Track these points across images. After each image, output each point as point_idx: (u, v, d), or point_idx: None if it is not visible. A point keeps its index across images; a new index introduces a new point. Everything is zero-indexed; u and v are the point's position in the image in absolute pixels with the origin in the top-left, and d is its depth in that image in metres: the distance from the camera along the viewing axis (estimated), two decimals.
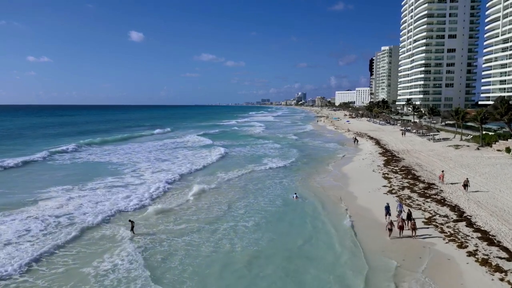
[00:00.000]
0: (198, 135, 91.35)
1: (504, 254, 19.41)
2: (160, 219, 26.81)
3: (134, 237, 23.08)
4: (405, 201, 29.76)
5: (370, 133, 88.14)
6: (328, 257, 20.27)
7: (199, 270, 18.92)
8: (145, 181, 38.76)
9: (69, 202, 30.69)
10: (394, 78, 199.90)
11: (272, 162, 50.11)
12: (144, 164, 49.02)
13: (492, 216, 25.26)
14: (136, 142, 75.91)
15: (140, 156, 56.50)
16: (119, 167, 46.83)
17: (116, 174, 42.28)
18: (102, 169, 45.52)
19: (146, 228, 24.83)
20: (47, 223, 25.57)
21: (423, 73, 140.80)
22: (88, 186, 36.19)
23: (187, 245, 22.09)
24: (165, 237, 23.22)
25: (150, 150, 62.90)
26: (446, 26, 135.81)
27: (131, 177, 40.74)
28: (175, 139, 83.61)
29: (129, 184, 37.24)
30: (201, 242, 22.54)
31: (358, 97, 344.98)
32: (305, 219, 26.77)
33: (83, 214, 27.41)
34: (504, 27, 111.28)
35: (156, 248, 21.66)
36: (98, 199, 31.65)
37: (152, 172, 43.36)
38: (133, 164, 48.71)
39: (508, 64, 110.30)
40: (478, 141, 57.77)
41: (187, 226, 25.24)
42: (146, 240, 22.80)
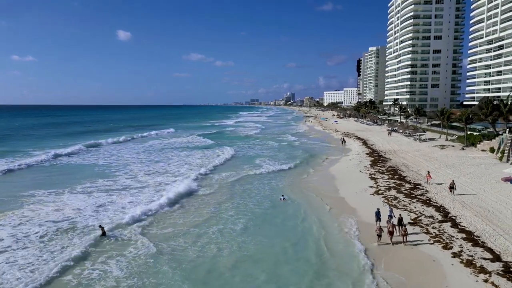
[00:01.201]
0: (198, 135, 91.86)
1: (489, 255, 19.55)
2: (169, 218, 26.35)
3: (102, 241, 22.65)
4: (391, 201, 29.90)
5: (358, 133, 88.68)
6: (315, 261, 20.12)
7: (183, 275, 18.58)
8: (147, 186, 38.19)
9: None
10: (381, 78, 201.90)
11: (267, 163, 50.02)
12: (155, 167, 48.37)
13: (477, 217, 25.50)
14: (138, 143, 74.95)
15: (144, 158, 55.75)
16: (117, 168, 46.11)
17: (126, 175, 41.62)
18: (109, 172, 44.77)
19: (130, 233, 24.34)
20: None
21: (409, 73, 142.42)
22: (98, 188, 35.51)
23: (172, 250, 21.73)
24: (146, 241, 22.80)
25: (157, 149, 62.16)
26: (431, 27, 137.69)
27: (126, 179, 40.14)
28: (177, 138, 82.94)
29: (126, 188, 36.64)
30: (186, 246, 22.19)
31: (346, 97, 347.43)
32: (292, 221, 26.62)
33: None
34: (488, 29, 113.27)
35: (140, 253, 21.21)
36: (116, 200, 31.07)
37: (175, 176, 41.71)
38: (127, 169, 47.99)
39: (492, 65, 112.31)
40: (463, 141, 58.54)
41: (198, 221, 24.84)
42: (130, 244, 22.34)
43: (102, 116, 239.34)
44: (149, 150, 64.69)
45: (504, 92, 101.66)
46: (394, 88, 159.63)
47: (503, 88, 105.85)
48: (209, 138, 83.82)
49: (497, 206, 27.61)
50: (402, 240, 21.38)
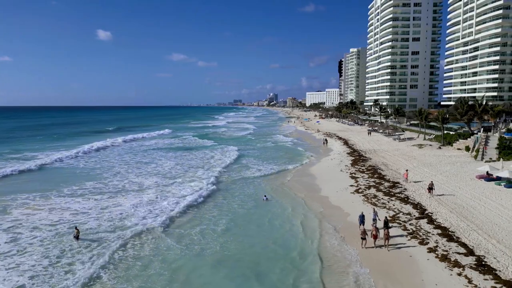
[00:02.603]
0: (197, 136, 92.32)
1: (462, 249, 20.30)
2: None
3: (80, 244, 22.33)
4: (371, 200, 30.57)
5: (339, 133, 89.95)
6: (297, 260, 20.46)
7: (165, 276, 18.61)
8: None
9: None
10: (362, 79, 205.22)
11: (253, 163, 50.24)
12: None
13: (452, 213, 26.38)
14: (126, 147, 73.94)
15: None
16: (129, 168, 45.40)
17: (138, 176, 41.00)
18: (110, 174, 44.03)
19: (111, 234, 24.15)
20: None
21: (389, 74, 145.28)
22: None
23: (156, 250, 21.69)
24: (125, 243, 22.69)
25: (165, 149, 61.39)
26: (410, 30, 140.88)
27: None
28: (175, 139, 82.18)
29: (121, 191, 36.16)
30: (169, 246, 22.20)
31: (328, 98, 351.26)
32: (274, 221, 26.92)
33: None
34: (464, 31, 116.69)
35: (121, 254, 21.10)
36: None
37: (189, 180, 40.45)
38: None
39: (468, 66, 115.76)
40: (440, 140, 60.19)
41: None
42: (111, 246, 22.16)
43: (86, 117, 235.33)
44: (168, 153, 63.98)
45: (479, 92, 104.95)
46: (375, 89, 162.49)
47: (478, 89, 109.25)
48: (208, 139, 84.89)
49: (471, 202, 28.62)
50: (385, 244, 20.88)
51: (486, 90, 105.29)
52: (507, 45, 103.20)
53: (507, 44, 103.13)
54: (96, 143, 71.86)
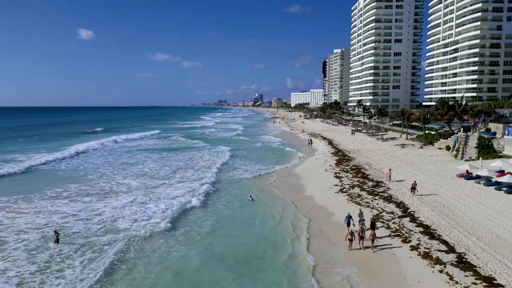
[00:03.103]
0: (188, 137, 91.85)
1: (444, 247, 20.75)
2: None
3: (59, 248, 21.81)
4: (355, 199, 30.93)
5: (324, 133, 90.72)
6: (281, 259, 20.55)
7: (150, 279, 18.42)
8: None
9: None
10: (346, 80, 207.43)
11: (239, 163, 50.16)
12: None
13: (433, 211, 26.93)
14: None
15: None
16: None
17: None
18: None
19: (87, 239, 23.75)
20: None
21: (372, 75, 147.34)
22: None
23: (141, 252, 21.43)
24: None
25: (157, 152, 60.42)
26: (392, 31, 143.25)
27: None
28: (165, 140, 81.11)
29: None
30: (154, 248, 21.97)
31: (312, 99, 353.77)
32: (259, 221, 26.98)
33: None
34: (445, 33, 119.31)
35: (104, 257, 20.76)
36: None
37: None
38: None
39: (448, 67, 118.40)
40: (422, 140, 61.36)
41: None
42: (92, 250, 21.81)
43: (68, 118, 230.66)
44: (161, 155, 63.05)
45: (459, 93, 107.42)
46: (358, 89, 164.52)
47: (458, 89, 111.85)
48: (197, 139, 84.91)
49: (452, 201, 29.27)
50: (371, 245, 20.85)
51: (465, 91, 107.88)
52: (486, 47, 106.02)
53: (485, 46, 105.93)
54: (85, 144, 71.02)
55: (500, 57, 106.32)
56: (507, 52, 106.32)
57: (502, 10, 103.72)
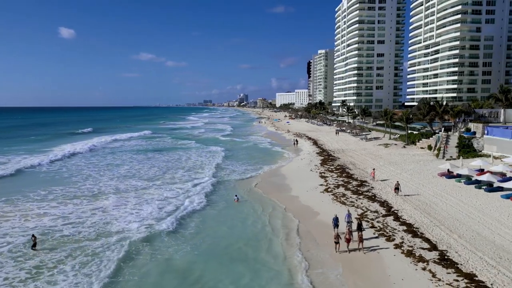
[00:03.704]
0: (174, 137, 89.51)
1: (426, 245, 21.13)
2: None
3: (37, 253, 21.20)
4: (339, 199, 31.21)
5: (309, 133, 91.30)
6: (267, 259, 20.56)
7: (134, 281, 18.16)
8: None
9: None
10: (330, 80, 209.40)
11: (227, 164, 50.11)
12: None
13: (416, 210, 27.40)
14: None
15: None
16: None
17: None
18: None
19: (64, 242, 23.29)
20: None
21: (356, 76, 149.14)
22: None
23: (128, 254, 21.12)
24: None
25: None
26: (375, 32, 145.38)
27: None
28: (158, 140, 79.94)
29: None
30: (136, 250, 21.67)
31: (297, 99, 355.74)
32: (245, 222, 26.97)
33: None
34: (426, 34, 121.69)
35: (89, 260, 20.38)
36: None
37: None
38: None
39: (429, 68, 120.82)
40: (404, 139, 62.37)
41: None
42: (76, 254, 21.39)
43: (50, 118, 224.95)
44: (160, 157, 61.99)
45: (440, 93, 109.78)
46: (342, 90, 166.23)
47: (439, 90, 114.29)
48: (188, 140, 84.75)
49: (434, 199, 29.85)
50: (359, 247, 20.66)
51: (446, 91, 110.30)
52: (465, 49, 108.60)
53: (465, 47, 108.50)
54: (76, 145, 70.06)
55: (479, 59, 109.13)
56: (486, 54, 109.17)
57: (481, 13, 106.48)
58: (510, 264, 18.18)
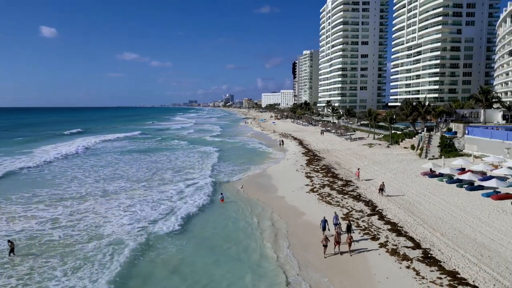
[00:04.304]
0: (164, 138, 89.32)
1: (410, 243, 21.45)
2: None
3: (13, 259, 20.59)
4: (325, 198, 31.42)
5: (294, 133, 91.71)
6: (252, 260, 20.53)
7: (116, 283, 17.88)
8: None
9: None
10: (315, 81, 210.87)
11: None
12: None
13: (400, 209, 27.80)
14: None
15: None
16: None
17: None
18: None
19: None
20: None
21: (340, 76, 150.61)
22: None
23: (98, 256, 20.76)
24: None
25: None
26: (359, 34, 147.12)
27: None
28: (150, 140, 78.64)
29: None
30: (132, 253, 21.35)
31: (283, 99, 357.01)
32: (230, 222, 26.90)
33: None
34: (408, 36, 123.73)
35: (81, 265, 19.96)
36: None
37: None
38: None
39: (412, 69, 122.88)
40: (388, 139, 63.28)
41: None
42: (67, 259, 20.93)
43: (33, 119, 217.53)
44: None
45: (422, 94, 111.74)
46: (327, 90, 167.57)
47: (421, 91, 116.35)
48: (178, 140, 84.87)
49: (417, 198, 30.34)
50: (348, 249, 20.32)
51: (428, 92, 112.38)
52: (447, 50, 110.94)
53: (446, 49, 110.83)
54: (62, 147, 68.56)
55: (460, 60, 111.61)
56: (466, 55, 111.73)
57: (462, 15, 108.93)
58: (491, 261, 18.61)
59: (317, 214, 26.90)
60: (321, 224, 23.01)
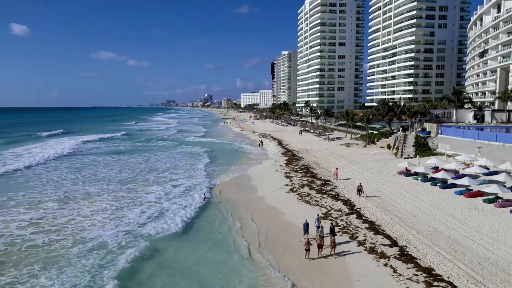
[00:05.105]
0: (148, 139, 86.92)
1: (387, 241, 21.90)
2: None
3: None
4: (304, 198, 31.67)
5: (273, 133, 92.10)
6: (233, 263, 20.46)
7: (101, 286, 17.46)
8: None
9: None
10: (294, 81, 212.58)
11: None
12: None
13: (377, 208, 28.34)
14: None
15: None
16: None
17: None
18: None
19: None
20: None
21: (318, 77, 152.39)
22: None
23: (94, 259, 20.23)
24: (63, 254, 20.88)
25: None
26: (336, 35, 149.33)
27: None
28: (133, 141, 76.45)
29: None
30: (95, 254, 20.84)
31: (262, 99, 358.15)
32: (212, 223, 26.74)
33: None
34: (384, 37, 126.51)
35: (65, 271, 19.34)
36: None
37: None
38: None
39: (387, 70, 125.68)
40: (365, 139, 64.42)
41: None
42: (51, 265, 20.23)
43: (7, 120, 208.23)
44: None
45: (397, 94, 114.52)
46: (305, 91, 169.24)
47: (397, 91, 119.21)
48: (163, 140, 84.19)
49: (393, 197, 31.02)
50: (331, 253, 20.14)
51: (403, 92, 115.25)
52: (420, 52, 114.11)
53: (420, 50, 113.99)
54: (50, 149, 66.11)
55: (433, 61, 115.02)
56: (439, 57, 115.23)
57: (434, 18, 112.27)
58: (464, 257, 19.22)
59: (297, 214, 27.12)
60: (303, 228, 22.54)
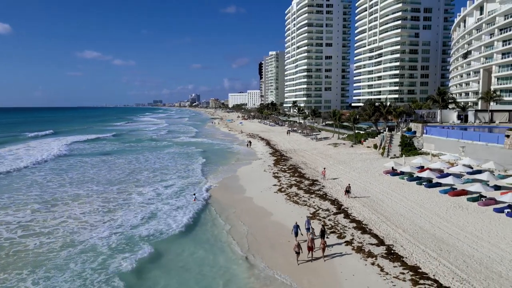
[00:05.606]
0: (139, 139, 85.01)
1: (374, 240, 22.17)
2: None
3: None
4: (293, 198, 31.81)
5: (261, 134, 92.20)
6: (222, 264, 20.43)
7: None
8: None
9: None
10: (282, 81, 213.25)
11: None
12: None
13: (364, 207, 28.65)
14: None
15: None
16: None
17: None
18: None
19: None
20: None
21: (305, 77, 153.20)
22: None
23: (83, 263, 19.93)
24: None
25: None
26: (323, 35, 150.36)
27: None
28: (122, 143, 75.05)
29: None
30: (83, 257, 20.56)
31: (250, 99, 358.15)
32: (202, 226, 26.64)
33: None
34: (370, 38, 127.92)
35: (55, 275, 18.98)
36: None
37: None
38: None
39: (373, 71, 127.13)
40: (352, 139, 65.02)
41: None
42: (40, 268, 19.83)
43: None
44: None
45: (384, 94, 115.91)
46: (293, 91, 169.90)
47: (383, 91, 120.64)
48: (155, 141, 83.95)
49: (380, 196, 31.40)
50: (322, 255, 19.97)
51: (389, 93, 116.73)
52: (406, 53, 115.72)
53: (405, 51, 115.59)
54: (42, 151, 64.72)
55: (418, 62, 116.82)
56: (424, 58, 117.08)
57: (419, 19, 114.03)
58: (449, 255, 19.59)
59: (285, 214, 27.24)
60: (293, 230, 22.28)
